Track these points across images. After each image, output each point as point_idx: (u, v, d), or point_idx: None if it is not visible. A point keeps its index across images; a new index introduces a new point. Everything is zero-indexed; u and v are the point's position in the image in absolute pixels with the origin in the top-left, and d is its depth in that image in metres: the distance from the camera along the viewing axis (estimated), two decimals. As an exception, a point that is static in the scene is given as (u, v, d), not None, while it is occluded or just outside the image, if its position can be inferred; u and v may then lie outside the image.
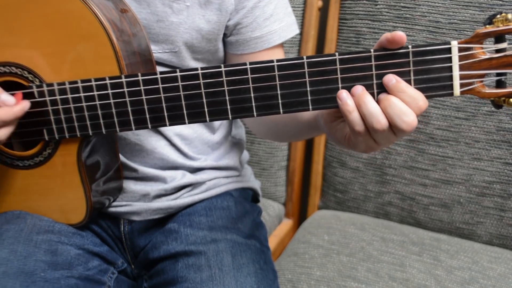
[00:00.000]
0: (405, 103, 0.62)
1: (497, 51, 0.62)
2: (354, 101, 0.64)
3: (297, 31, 0.93)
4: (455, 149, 1.14)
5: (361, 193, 1.25)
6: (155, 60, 0.81)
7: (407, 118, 0.61)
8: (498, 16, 0.61)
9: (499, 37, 0.62)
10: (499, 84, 0.64)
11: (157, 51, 0.83)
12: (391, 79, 0.63)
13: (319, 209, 1.34)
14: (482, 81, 0.64)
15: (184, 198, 0.89)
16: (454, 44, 0.62)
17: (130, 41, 0.74)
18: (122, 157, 0.85)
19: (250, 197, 1.00)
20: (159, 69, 0.82)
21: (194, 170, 0.90)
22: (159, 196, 0.88)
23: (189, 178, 0.89)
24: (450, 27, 1.10)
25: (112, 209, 0.87)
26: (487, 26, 0.62)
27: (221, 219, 0.88)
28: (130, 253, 0.90)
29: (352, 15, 1.19)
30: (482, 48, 0.62)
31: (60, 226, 0.81)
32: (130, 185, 0.87)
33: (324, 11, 1.26)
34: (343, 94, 0.64)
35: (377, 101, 0.64)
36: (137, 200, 0.87)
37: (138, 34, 0.76)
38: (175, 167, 0.89)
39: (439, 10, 1.10)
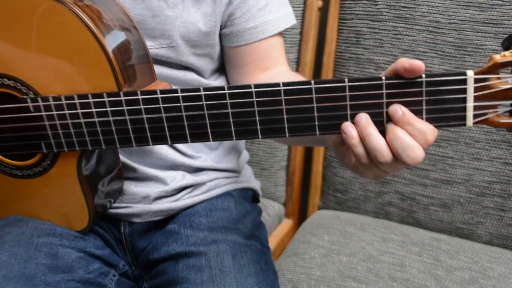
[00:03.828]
0: (411, 135, 0.60)
1: None
2: (358, 131, 0.62)
3: (294, 21, 0.91)
4: (455, 149, 1.14)
5: (361, 193, 1.25)
6: (152, 57, 0.79)
7: (412, 153, 0.59)
8: None
9: None
10: None
11: (154, 47, 0.81)
12: (397, 110, 0.60)
13: (319, 209, 1.34)
14: (496, 111, 0.60)
15: (185, 200, 0.89)
16: (470, 75, 0.59)
17: (127, 50, 0.72)
18: (121, 157, 0.85)
19: (250, 197, 0.99)
20: (157, 68, 0.81)
21: (194, 171, 0.90)
22: (159, 197, 0.88)
23: (189, 179, 0.89)
24: (450, 27, 1.10)
25: (112, 211, 0.87)
26: (505, 53, 0.58)
27: (221, 220, 0.87)
28: (130, 255, 0.90)
29: (352, 15, 1.19)
30: (499, 78, 0.59)
31: (61, 229, 0.81)
32: (131, 187, 0.87)
33: (324, 11, 1.25)
34: (348, 127, 0.62)
35: (385, 130, 0.62)
36: (138, 202, 0.87)
37: (135, 38, 0.74)
38: (175, 166, 0.88)
39: (439, 10, 1.10)
